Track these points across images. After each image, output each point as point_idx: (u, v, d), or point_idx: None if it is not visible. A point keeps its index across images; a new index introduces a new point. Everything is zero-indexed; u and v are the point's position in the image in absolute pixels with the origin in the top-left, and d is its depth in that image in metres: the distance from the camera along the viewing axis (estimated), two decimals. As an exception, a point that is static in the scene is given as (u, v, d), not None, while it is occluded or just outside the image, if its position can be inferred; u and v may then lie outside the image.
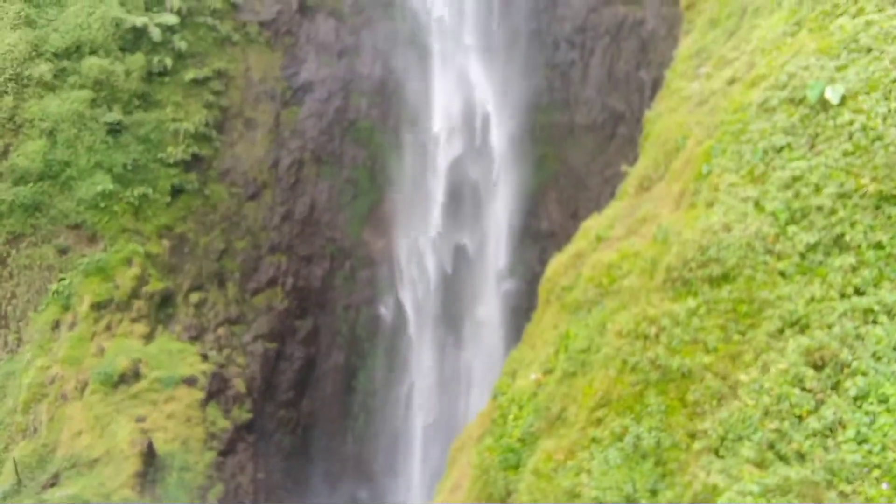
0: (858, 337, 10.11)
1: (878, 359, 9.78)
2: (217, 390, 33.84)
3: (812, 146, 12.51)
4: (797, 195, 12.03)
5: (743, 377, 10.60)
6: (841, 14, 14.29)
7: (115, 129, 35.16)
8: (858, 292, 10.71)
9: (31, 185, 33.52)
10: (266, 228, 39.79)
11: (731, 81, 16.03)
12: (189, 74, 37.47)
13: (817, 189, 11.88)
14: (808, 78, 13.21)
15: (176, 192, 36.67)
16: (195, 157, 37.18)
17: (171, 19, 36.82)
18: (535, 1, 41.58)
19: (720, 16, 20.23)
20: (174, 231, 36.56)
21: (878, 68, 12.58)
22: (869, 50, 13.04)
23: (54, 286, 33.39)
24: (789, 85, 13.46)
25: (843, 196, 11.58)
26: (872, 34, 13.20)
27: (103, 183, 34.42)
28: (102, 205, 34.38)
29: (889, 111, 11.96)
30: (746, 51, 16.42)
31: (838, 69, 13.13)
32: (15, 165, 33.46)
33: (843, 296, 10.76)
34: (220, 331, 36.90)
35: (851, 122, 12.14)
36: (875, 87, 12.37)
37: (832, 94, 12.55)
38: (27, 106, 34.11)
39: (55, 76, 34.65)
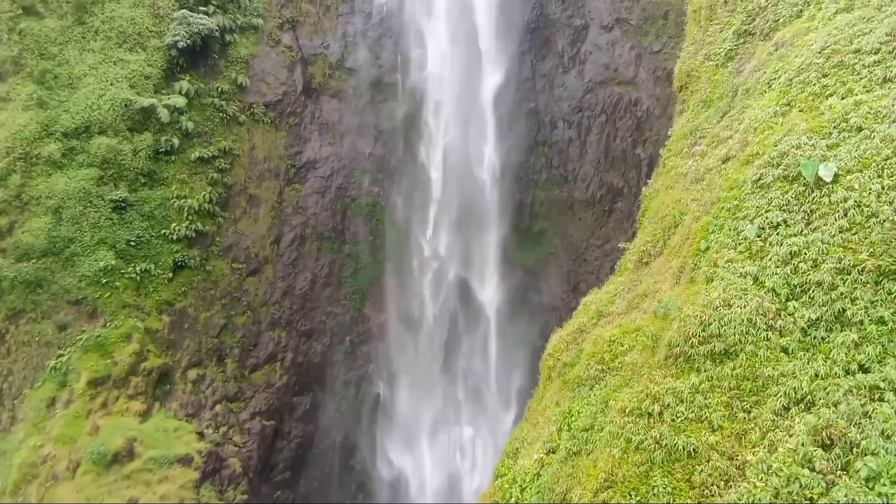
0: (866, 415, 9.94)
1: (888, 437, 9.58)
2: (212, 470, 33.04)
3: (808, 222, 12.64)
4: (796, 271, 12.07)
5: (750, 457, 10.37)
6: (830, 95, 14.71)
7: (120, 206, 35.64)
8: (863, 369, 10.60)
9: (34, 261, 33.72)
10: (266, 304, 39.75)
11: (726, 159, 16.35)
12: (195, 153, 38.22)
13: (816, 265, 11.93)
14: (801, 156, 13.48)
15: (178, 267, 36.85)
16: (198, 232, 37.54)
17: (180, 101, 37.79)
18: (532, 81, 42.86)
19: (712, 96, 20.81)
20: (174, 306, 36.52)
21: (870, 147, 12.85)
22: (860, 129, 13.36)
23: (52, 362, 33.09)
24: (782, 163, 13.73)
25: (842, 271, 11.61)
26: (862, 114, 13.55)
27: (106, 259, 34.66)
28: (104, 280, 34.49)
29: (883, 188, 12.14)
30: (739, 130, 16.81)
31: (829, 147, 13.41)
32: (19, 242, 33.74)
33: (847, 372, 10.64)
34: (218, 408, 36.32)
35: (846, 199, 12.31)
36: (867, 165, 12.61)
37: (825, 172, 12.79)
38: (34, 184, 34.66)
39: (63, 155, 35.35)
